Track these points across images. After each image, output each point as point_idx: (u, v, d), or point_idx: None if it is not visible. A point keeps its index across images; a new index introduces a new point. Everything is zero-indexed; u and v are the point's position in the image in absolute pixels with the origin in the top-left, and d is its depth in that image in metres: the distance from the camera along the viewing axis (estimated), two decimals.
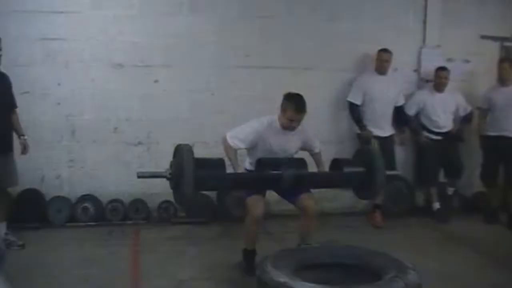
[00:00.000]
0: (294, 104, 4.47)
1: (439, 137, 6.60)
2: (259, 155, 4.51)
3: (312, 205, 4.56)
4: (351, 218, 6.64)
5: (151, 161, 6.35)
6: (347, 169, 4.54)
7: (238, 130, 4.62)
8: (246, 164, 4.80)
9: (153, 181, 6.25)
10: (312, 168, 4.80)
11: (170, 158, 6.35)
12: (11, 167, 5.21)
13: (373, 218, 6.38)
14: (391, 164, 6.40)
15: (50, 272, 4.62)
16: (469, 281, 4.59)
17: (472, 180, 7.07)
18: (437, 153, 6.59)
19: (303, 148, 4.83)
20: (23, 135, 5.28)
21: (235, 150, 4.59)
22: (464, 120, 6.74)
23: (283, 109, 4.53)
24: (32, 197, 6.08)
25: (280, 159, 4.51)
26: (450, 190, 6.84)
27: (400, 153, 6.84)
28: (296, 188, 4.50)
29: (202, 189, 4.45)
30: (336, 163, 4.63)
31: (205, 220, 6.25)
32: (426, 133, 6.65)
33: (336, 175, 4.65)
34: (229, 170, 4.47)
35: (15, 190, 5.79)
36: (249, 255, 4.65)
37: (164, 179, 4.16)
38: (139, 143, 6.34)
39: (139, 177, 4.20)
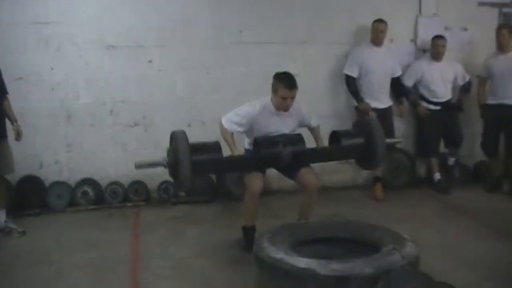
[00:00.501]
0: (285, 81, 4.43)
1: (438, 107, 6.54)
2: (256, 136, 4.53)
3: (313, 180, 4.56)
4: (352, 192, 6.64)
5: (149, 142, 6.33)
6: (346, 142, 4.53)
7: (231, 114, 4.60)
8: (246, 144, 4.79)
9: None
10: (310, 142, 4.79)
11: (167, 138, 6.37)
12: (6, 154, 5.20)
13: (374, 191, 6.36)
14: (390, 136, 6.37)
15: (51, 257, 4.63)
16: (470, 251, 4.56)
17: (473, 150, 7.01)
18: (437, 124, 6.54)
19: (300, 126, 4.79)
20: (16, 121, 5.23)
21: (231, 133, 4.58)
22: (463, 89, 6.67)
23: (275, 89, 4.49)
24: (32, 183, 6.07)
25: (277, 136, 4.48)
26: (451, 161, 6.80)
27: (400, 125, 6.79)
28: (296, 165, 4.50)
29: (200, 174, 4.47)
30: (335, 136, 4.62)
31: (205, 199, 6.24)
32: (425, 104, 6.58)
33: (335, 149, 4.63)
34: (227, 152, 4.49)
35: (14, 177, 5.79)
36: (248, 231, 4.65)
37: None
38: (136, 124, 6.31)
39: (136, 167, 4.25)
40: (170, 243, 4.92)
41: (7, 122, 5.23)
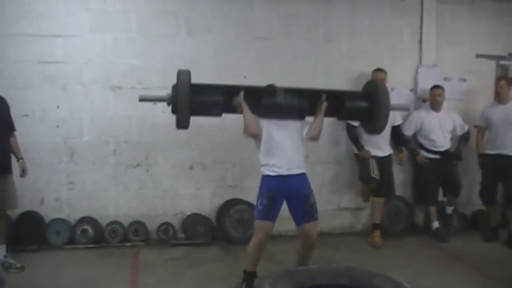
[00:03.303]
0: None
1: (437, 156, 6.61)
2: (266, 144, 4.57)
3: (314, 234, 4.56)
4: (350, 238, 6.64)
5: (150, 182, 6.39)
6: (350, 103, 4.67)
7: None
8: (264, 171, 4.68)
9: (152, 203, 6.35)
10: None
11: (169, 179, 6.44)
12: (10, 189, 5.25)
13: (372, 238, 6.37)
14: (389, 184, 6.45)
15: None
16: None
17: (471, 199, 7.09)
18: (436, 172, 6.60)
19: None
20: (21, 158, 5.32)
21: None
22: (462, 139, 6.75)
23: None
24: (32, 219, 6.08)
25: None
26: (449, 209, 6.86)
27: (399, 173, 6.86)
28: (306, 212, 4.53)
29: (197, 114, 4.51)
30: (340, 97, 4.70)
31: (204, 242, 6.24)
32: (424, 153, 6.67)
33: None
34: None
35: (14, 212, 5.81)
36: (249, 276, 4.64)
37: (162, 202, 4.23)
38: (138, 164, 6.36)
39: (140, 100, 4.40)
40: (169, 285, 4.92)
41: (13, 158, 5.31)
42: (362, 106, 4.71)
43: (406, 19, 6.93)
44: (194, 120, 6.28)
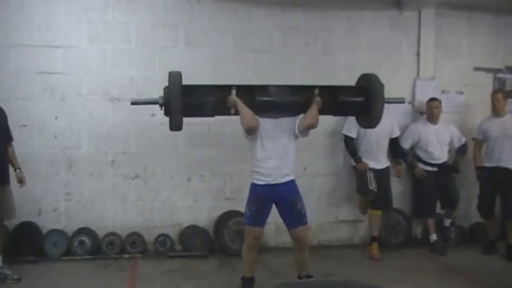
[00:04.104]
0: None
1: (434, 169, 6.62)
2: (257, 149, 4.63)
3: (304, 236, 4.71)
4: (348, 250, 6.63)
5: (148, 194, 6.38)
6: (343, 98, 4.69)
7: None
8: (252, 178, 4.75)
9: (150, 214, 6.33)
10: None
11: (167, 190, 6.43)
12: (8, 199, 5.24)
13: (370, 251, 6.36)
14: (387, 196, 6.44)
15: None
16: None
17: (469, 211, 7.08)
18: (434, 185, 6.61)
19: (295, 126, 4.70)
20: (19, 168, 5.32)
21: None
22: (459, 152, 6.76)
23: None
24: (29, 230, 6.05)
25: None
26: (447, 222, 6.84)
27: (397, 185, 6.85)
28: (294, 216, 4.62)
29: (190, 115, 4.52)
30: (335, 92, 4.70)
31: (202, 254, 6.21)
32: (422, 165, 6.68)
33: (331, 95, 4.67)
34: None
35: (11, 223, 5.78)
36: (247, 282, 4.68)
37: (160, 213, 4.20)
38: (136, 176, 6.34)
39: (132, 103, 4.41)
40: None
41: (10, 168, 5.30)
42: (356, 100, 4.72)
43: (404, 32, 6.96)
44: (194, 132, 6.37)
